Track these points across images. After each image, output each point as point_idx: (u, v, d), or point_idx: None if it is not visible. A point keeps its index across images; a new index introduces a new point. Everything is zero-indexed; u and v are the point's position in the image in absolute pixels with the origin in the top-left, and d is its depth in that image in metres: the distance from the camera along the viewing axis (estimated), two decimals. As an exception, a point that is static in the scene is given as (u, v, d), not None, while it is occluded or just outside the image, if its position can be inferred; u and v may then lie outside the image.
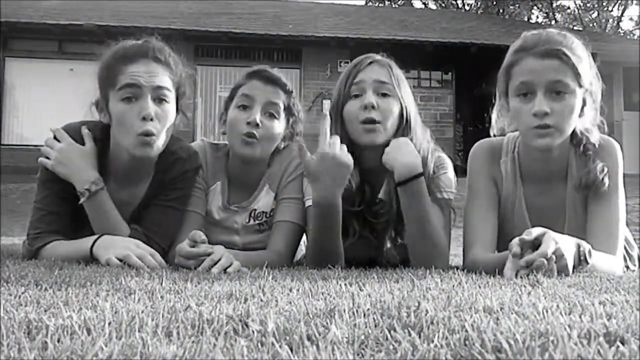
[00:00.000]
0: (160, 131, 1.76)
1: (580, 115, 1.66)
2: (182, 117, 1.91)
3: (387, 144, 1.77)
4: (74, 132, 1.84)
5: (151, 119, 1.73)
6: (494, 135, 1.84)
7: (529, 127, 1.62)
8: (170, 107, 1.80)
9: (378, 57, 1.88)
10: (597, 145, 1.70)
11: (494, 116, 1.81)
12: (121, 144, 1.79)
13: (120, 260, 1.59)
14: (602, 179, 1.66)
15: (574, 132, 1.69)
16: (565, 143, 1.69)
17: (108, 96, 1.78)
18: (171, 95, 1.80)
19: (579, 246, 1.46)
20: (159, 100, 1.77)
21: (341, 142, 1.74)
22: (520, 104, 1.64)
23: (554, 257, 1.34)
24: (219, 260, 1.56)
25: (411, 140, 1.79)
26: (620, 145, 1.78)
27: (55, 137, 1.83)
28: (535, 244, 1.39)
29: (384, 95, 1.81)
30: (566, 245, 1.41)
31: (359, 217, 1.85)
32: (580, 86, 1.61)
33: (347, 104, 1.82)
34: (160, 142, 1.78)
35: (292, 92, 1.99)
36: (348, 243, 1.79)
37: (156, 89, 1.75)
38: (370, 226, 1.87)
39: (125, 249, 1.63)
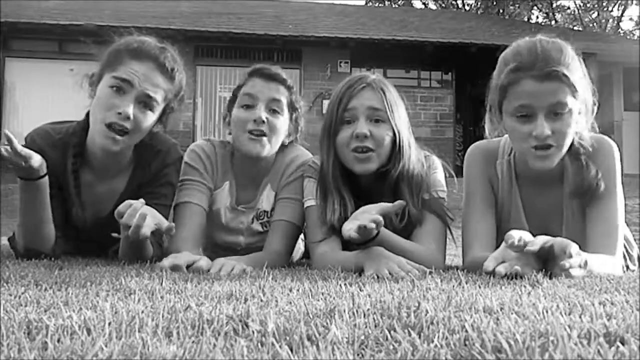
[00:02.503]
0: (132, 130, 1.76)
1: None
2: (159, 125, 1.91)
3: (380, 167, 1.77)
4: (42, 136, 1.85)
5: (127, 117, 1.73)
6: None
7: (527, 147, 1.60)
8: (151, 116, 1.80)
9: (371, 77, 1.82)
10: (591, 149, 1.69)
11: (487, 125, 1.78)
12: (93, 125, 1.79)
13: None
14: (597, 184, 1.65)
15: None
16: None
17: (102, 76, 1.79)
18: (157, 107, 1.81)
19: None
20: (144, 104, 1.77)
21: (332, 166, 1.76)
22: (517, 124, 1.60)
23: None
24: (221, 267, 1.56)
25: (403, 166, 1.77)
26: (620, 145, 1.78)
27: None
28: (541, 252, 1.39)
29: (377, 121, 1.77)
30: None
31: None
32: (576, 98, 1.59)
33: (339, 131, 1.78)
34: (131, 140, 1.78)
35: (292, 87, 1.99)
36: None
37: (143, 94, 1.76)
38: None
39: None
